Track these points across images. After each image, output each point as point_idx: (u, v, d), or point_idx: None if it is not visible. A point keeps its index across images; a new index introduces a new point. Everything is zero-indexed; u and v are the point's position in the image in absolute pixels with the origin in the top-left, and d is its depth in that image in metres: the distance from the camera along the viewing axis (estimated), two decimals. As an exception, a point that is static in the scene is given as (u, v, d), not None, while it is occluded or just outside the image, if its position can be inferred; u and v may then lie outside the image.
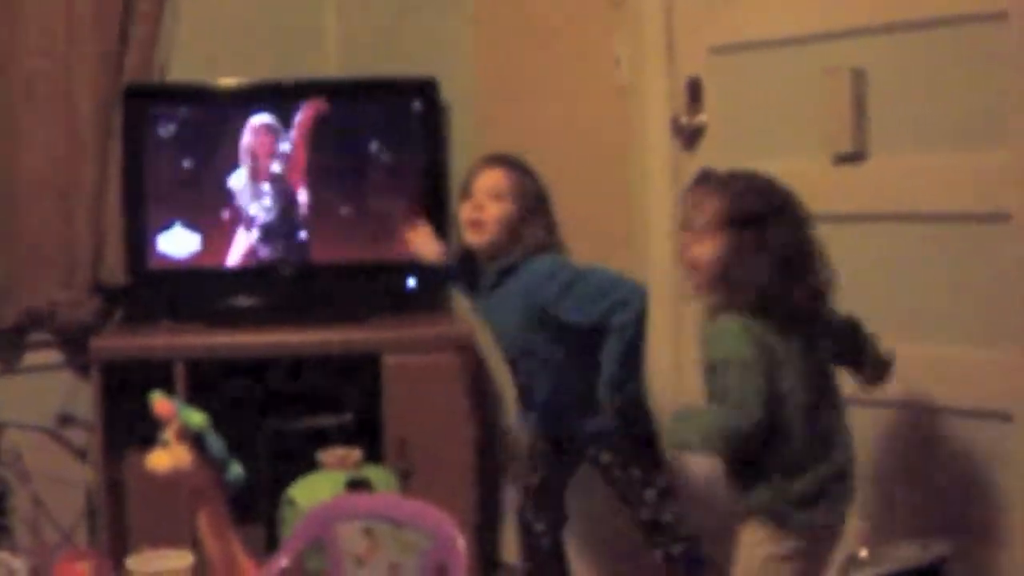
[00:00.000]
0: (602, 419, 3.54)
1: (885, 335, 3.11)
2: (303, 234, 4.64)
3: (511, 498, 4.42)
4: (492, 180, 3.70)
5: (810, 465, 2.90)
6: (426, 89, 4.67)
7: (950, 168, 3.24)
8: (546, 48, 4.38)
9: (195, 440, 2.77)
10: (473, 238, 3.73)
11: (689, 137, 3.86)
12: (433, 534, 2.49)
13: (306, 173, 4.62)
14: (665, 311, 3.86)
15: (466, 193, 3.76)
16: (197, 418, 2.74)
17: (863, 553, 2.10)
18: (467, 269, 3.85)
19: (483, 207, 3.68)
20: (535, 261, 3.62)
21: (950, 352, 3.26)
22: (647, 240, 3.93)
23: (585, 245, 3.90)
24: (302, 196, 4.62)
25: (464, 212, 3.74)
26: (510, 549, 4.63)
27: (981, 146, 3.19)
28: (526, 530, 3.90)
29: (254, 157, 4.60)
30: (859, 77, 3.41)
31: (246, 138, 4.60)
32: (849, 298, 3.03)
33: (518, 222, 3.65)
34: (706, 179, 2.99)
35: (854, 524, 3.07)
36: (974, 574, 3.22)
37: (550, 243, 3.67)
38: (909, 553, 2.07)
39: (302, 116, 4.61)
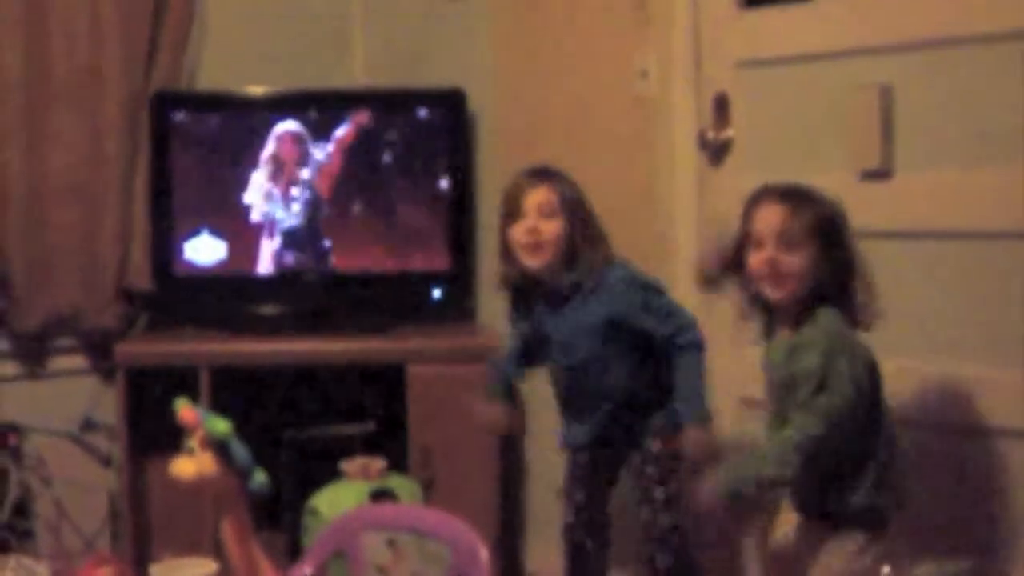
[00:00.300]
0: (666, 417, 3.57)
1: (913, 352, 3.10)
2: (328, 243, 4.65)
3: (544, 511, 4.43)
4: (542, 197, 3.56)
5: (891, 463, 2.94)
6: (453, 100, 4.68)
7: (977, 186, 3.23)
8: (571, 60, 4.38)
9: (219, 448, 2.76)
10: (533, 262, 3.56)
11: (715, 152, 3.85)
12: (455, 545, 2.49)
13: (334, 183, 4.63)
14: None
15: (514, 213, 3.58)
16: (222, 426, 2.74)
17: (885, 571, 2.10)
18: (522, 292, 3.73)
19: (538, 229, 3.53)
20: (611, 271, 3.56)
21: (976, 370, 3.25)
22: (674, 255, 3.93)
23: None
24: (329, 206, 4.63)
25: (518, 235, 3.56)
26: (534, 558, 4.63)
27: (1008, 164, 3.18)
28: (577, 548, 3.81)
29: (280, 165, 4.61)
30: (886, 94, 3.40)
31: (273, 146, 4.61)
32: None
33: (575, 236, 3.55)
34: (781, 193, 2.97)
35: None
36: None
37: (611, 251, 3.61)
38: (927, 571, 2.07)
39: (345, 131, 4.62)
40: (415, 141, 4.66)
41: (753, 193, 3.03)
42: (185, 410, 2.76)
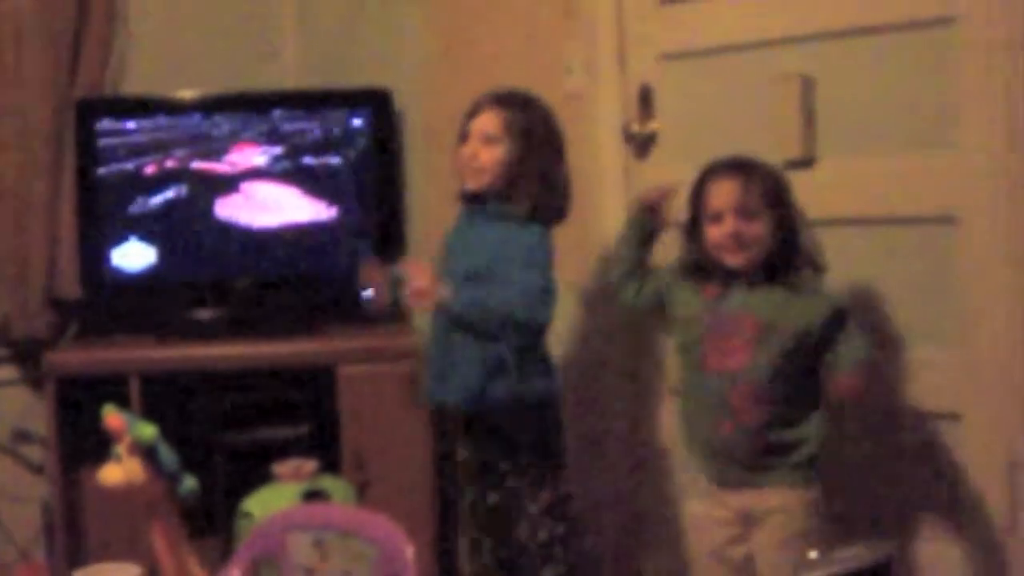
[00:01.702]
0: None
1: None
2: (257, 245, 4.63)
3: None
4: (486, 122, 3.49)
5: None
6: (380, 99, 4.67)
7: (899, 172, 3.26)
8: (497, 57, 4.38)
9: (147, 453, 2.76)
10: (471, 183, 3.51)
11: (641, 144, 3.87)
12: (381, 543, 2.49)
13: (261, 183, 4.62)
14: (619, 317, 3.89)
15: (464, 136, 3.52)
16: (148, 431, 2.74)
17: (812, 555, 2.11)
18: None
19: (476, 154, 3.46)
20: (525, 230, 3.44)
21: (900, 355, 3.28)
22: (600, 247, 3.94)
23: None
24: (258, 207, 4.62)
25: (461, 158, 3.52)
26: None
27: (929, 150, 3.22)
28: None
29: (208, 169, 4.59)
30: (808, 83, 3.43)
31: (199, 150, 4.59)
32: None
33: (516, 165, 3.45)
34: (731, 166, 3.10)
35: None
36: (920, 571, 3.25)
37: (551, 203, 3.48)
38: (856, 554, 2.08)
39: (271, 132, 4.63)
40: (342, 141, 4.65)
41: (702, 171, 3.15)
42: (111, 416, 2.75)
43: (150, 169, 4.57)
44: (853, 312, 3.10)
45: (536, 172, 3.44)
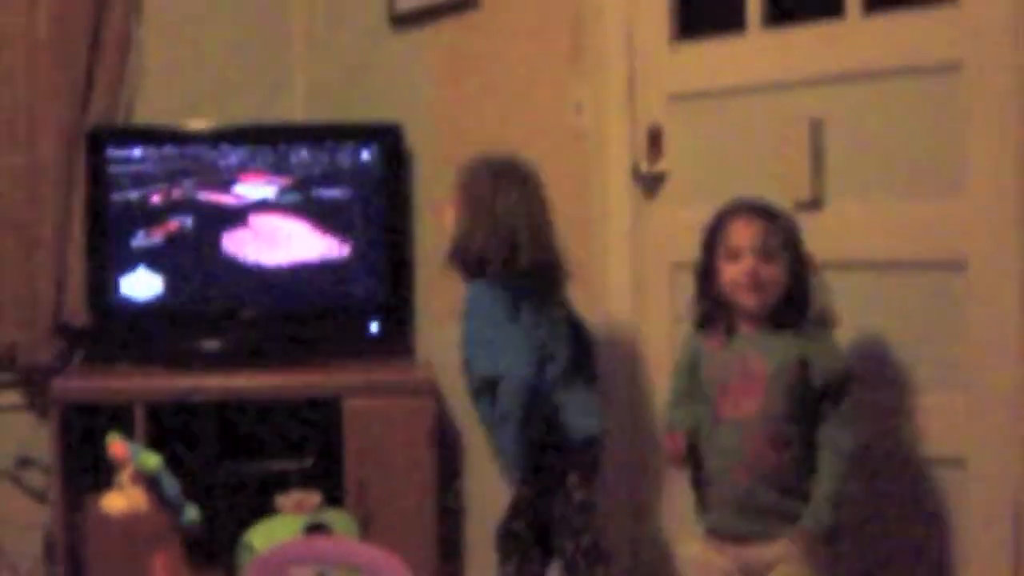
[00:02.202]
0: None
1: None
2: (265, 277, 4.64)
3: (483, 547, 4.42)
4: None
5: None
6: (390, 135, 4.69)
7: (907, 217, 3.26)
8: (507, 94, 4.39)
9: (150, 483, 2.76)
10: None
11: (649, 184, 3.87)
12: (384, 577, 2.49)
13: (269, 216, 4.63)
14: (625, 361, 3.90)
15: None
16: (152, 460, 2.74)
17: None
18: None
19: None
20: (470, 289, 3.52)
21: (910, 400, 3.28)
22: (607, 287, 3.94)
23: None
24: (268, 240, 4.63)
25: None
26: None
27: (937, 195, 3.21)
28: None
29: (217, 200, 4.61)
30: (817, 126, 3.43)
31: (208, 180, 4.61)
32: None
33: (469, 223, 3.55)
34: (755, 208, 3.08)
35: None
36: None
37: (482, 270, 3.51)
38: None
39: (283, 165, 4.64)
40: (353, 175, 4.66)
41: (722, 210, 3.13)
42: (116, 445, 2.76)
43: (158, 198, 4.59)
44: (859, 361, 3.10)
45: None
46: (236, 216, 4.63)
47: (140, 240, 4.59)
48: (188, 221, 4.61)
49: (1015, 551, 3.09)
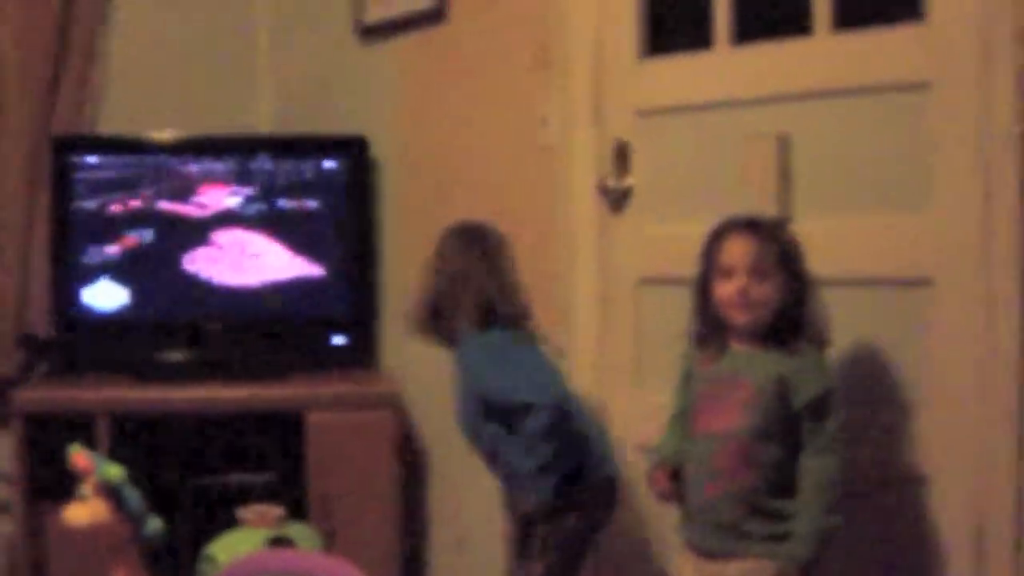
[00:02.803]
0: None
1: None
2: (230, 289, 4.62)
3: (447, 561, 4.42)
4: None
5: None
6: (356, 147, 4.69)
7: (874, 233, 3.27)
8: (474, 108, 4.39)
9: (113, 494, 2.75)
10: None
11: (616, 199, 3.87)
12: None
13: (236, 229, 4.62)
14: (587, 373, 3.90)
15: None
16: (115, 472, 2.73)
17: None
18: None
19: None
20: (465, 342, 3.52)
21: (873, 418, 3.28)
22: (573, 302, 3.94)
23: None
24: (232, 253, 4.62)
25: None
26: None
27: (904, 212, 3.22)
28: None
29: (181, 211, 4.59)
30: (784, 143, 3.44)
31: (172, 189, 4.60)
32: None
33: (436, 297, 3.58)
34: (749, 225, 3.05)
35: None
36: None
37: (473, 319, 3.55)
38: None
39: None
40: (318, 187, 4.65)
41: (717, 227, 3.09)
42: (78, 456, 2.75)
43: (122, 208, 4.57)
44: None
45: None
46: (201, 228, 4.62)
47: (104, 250, 4.58)
48: (152, 232, 4.60)
49: (976, 569, 3.10)
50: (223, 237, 4.61)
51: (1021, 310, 3.03)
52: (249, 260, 4.63)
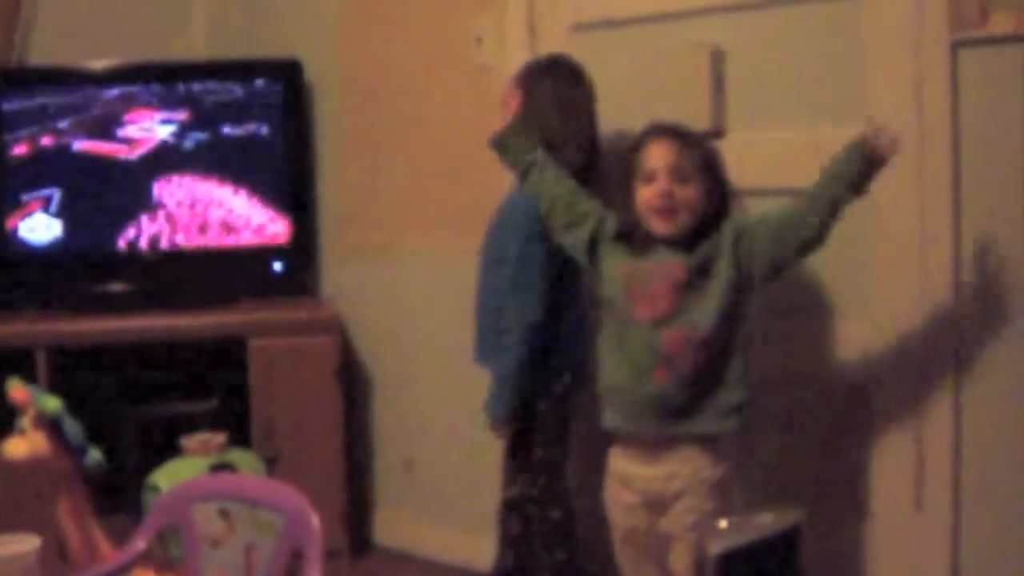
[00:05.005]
0: None
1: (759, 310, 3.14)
2: (167, 217, 4.59)
3: (393, 484, 4.43)
4: None
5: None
6: (290, 70, 4.65)
7: (807, 144, 3.26)
8: (408, 29, 4.36)
9: (52, 426, 2.73)
10: None
11: (551, 115, 3.85)
12: (287, 513, 2.47)
13: (171, 156, 4.58)
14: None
15: None
16: (52, 404, 2.70)
17: (722, 524, 2.10)
18: None
19: None
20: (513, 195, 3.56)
21: (814, 326, 3.30)
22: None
23: (449, 222, 3.91)
24: (167, 179, 4.58)
25: None
26: (383, 531, 4.62)
27: (838, 123, 3.23)
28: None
29: (118, 138, 4.55)
30: (718, 55, 3.44)
31: (108, 118, 4.55)
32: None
33: None
34: (670, 131, 3.06)
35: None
36: (828, 540, 3.27)
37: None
38: (764, 522, 2.08)
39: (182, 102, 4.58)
40: (252, 111, 4.61)
41: (641, 132, 3.10)
42: (16, 389, 2.72)
43: (55, 140, 4.52)
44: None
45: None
46: (134, 156, 4.57)
47: (37, 183, 4.53)
48: (88, 161, 4.55)
49: (916, 477, 3.13)
50: (156, 165, 4.57)
51: (953, 221, 3.06)
52: (184, 187, 4.59)
